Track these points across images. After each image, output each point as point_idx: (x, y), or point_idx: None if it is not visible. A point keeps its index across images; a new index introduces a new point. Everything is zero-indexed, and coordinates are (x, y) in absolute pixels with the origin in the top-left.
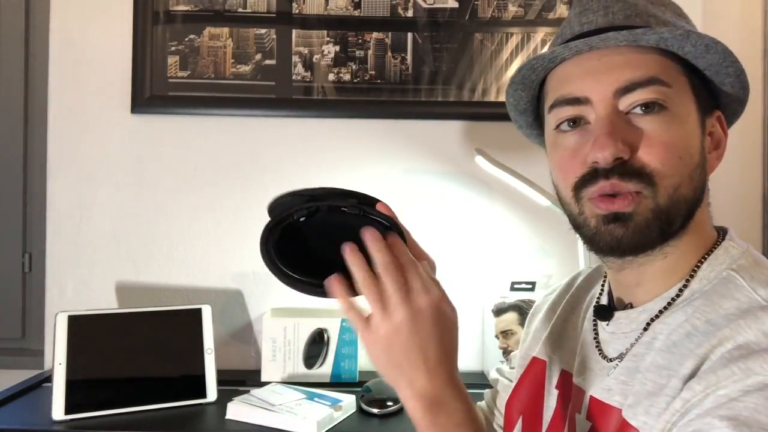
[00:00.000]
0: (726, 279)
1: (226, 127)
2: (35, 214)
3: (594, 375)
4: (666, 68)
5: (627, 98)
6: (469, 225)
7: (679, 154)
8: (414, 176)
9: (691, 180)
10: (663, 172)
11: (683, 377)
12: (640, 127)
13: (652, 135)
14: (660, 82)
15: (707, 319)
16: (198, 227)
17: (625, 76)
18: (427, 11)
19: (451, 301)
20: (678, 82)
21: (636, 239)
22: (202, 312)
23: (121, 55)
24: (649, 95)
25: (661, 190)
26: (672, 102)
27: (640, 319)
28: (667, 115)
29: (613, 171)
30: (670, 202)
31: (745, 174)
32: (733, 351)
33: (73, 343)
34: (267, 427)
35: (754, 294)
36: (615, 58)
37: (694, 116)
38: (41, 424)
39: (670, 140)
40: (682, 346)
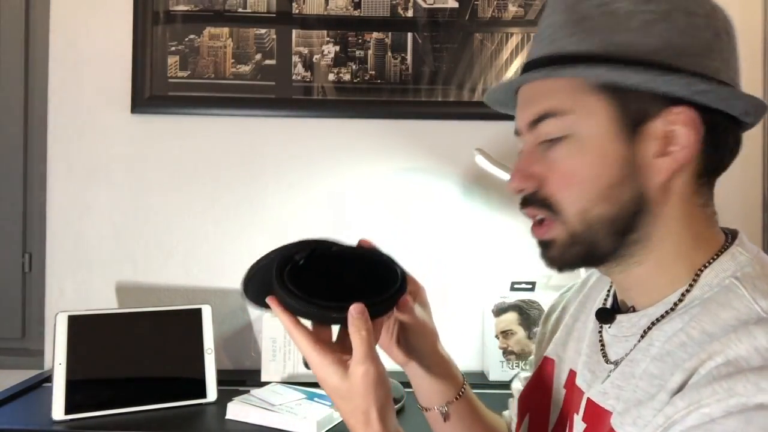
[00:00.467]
0: (727, 287)
1: (226, 127)
2: (35, 214)
3: (594, 377)
4: (572, 92)
5: (534, 132)
6: (469, 225)
7: (581, 179)
8: (414, 176)
9: (606, 198)
10: (564, 200)
11: (670, 390)
12: (548, 157)
13: (554, 166)
14: (554, 114)
15: (703, 329)
16: (198, 227)
17: (530, 111)
18: (427, 11)
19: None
20: (586, 104)
21: (563, 260)
22: (202, 312)
23: (121, 55)
24: (547, 129)
25: (569, 218)
26: (573, 128)
27: (641, 323)
28: (568, 142)
29: (525, 200)
30: (584, 226)
31: (745, 174)
32: (721, 367)
33: (73, 343)
34: (267, 427)
35: (755, 305)
36: (526, 93)
37: (610, 133)
38: (41, 424)
39: (570, 168)
40: (675, 356)
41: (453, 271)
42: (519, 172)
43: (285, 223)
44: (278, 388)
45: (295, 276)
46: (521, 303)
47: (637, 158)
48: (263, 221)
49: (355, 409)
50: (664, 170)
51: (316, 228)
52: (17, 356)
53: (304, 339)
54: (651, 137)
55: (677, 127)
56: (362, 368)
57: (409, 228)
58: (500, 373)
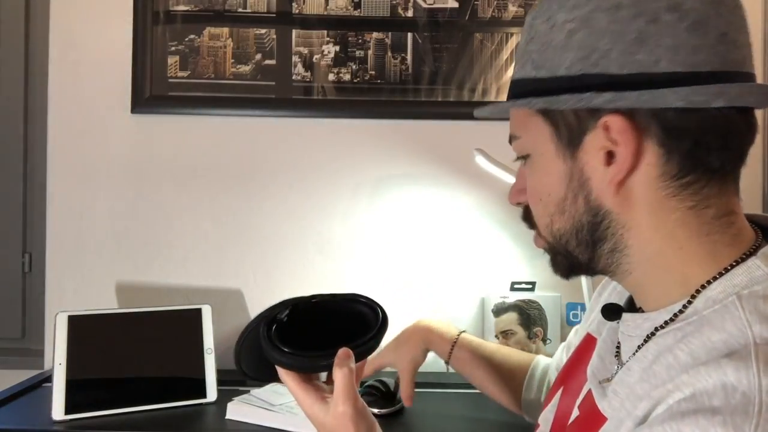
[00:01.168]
0: (726, 307)
1: (226, 127)
2: (35, 214)
3: (601, 368)
4: (520, 116)
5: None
6: (469, 225)
7: (539, 196)
8: (414, 176)
9: (563, 212)
10: (535, 216)
11: (636, 419)
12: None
13: (526, 183)
14: (514, 137)
15: (691, 352)
16: (198, 227)
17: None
18: (427, 11)
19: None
20: (531, 127)
21: (557, 269)
22: (202, 312)
23: (121, 55)
24: (515, 149)
25: (541, 231)
26: (526, 149)
27: (644, 326)
28: (529, 162)
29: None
30: (553, 239)
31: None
32: (682, 402)
33: (73, 343)
34: (267, 427)
35: (748, 329)
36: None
37: (549, 152)
38: (41, 424)
39: (531, 185)
40: (658, 378)
41: (453, 271)
42: (512, 188)
43: (285, 223)
44: (278, 388)
45: (281, 333)
46: (521, 303)
47: (582, 171)
48: (263, 221)
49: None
50: (610, 180)
51: (316, 228)
52: (17, 356)
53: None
54: (591, 149)
55: (616, 135)
56: (341, 408)
57: (409, 228)
58: None
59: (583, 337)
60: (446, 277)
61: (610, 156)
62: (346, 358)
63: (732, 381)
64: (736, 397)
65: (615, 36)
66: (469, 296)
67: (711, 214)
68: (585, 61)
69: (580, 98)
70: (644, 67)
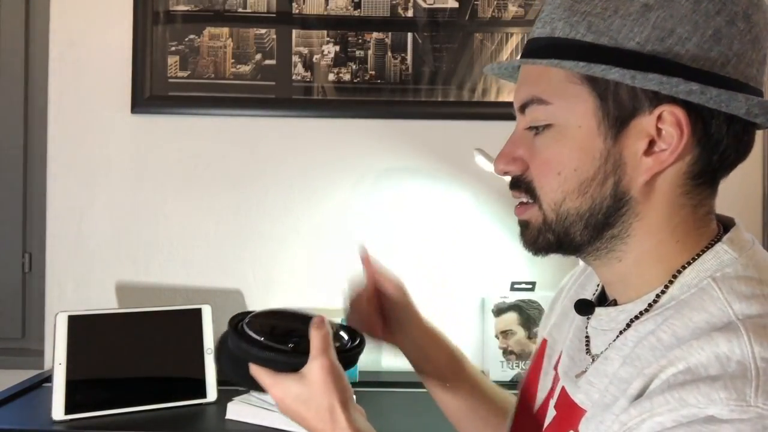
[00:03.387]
0: (703, 289)
1: (226, 127)
2: (35, 214)
3: (573, 366)
4: (556, 81)
5: (525, 117)
6: (469, 225)
7: (558, 170)
8: (414, 176)
9: (583, 192)
10: (543, 188)
11: (630, 396)
12: (533, 143)
13: (537, 152)
14: (539, 101)
15: (674, 332)
16: (198, 227)
17: (520, 95)
18: (427, 11)
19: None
20: (567, 94)
21: (534, 244)
22: (202, 312)
23: (121, 55)
24: (531, 115)
25: (544, 205)
26: (555, 117)
27: (619, 318)
28: (550, 131)
29: (513, 182)
30: (557, 216)
31: (745, 174)
32: (678, 375)
33: (73, 343)
34: (267, 427)
35: (728, 308)
36: (522, 73)
37: (590, 126)
38: (41, 424)
39: (549, 157)
40: (643, 360)
41: (453, 271)
42: (504, 156)
43: (284, 223)
44: None
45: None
46: (521, 303)
47: (621, 155)
48: (263, 221)
49: (319, 409)
50: (646, 170)
51: (316, 228)
52: (17, 356)
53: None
54: (636, 134)
55: (664, 126)
56: (317, 362)
57: (409, 228)
58: (500, 373)
59: (540, 344)
60: (446, 277)
61: (651, 145)
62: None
63: (725, 351)
64: (732, 366)
65: (695, 26)
66: (469, 296)
67: (703, 212)
68: (660, 43)
69: (662, 81)
70: (715, 67)
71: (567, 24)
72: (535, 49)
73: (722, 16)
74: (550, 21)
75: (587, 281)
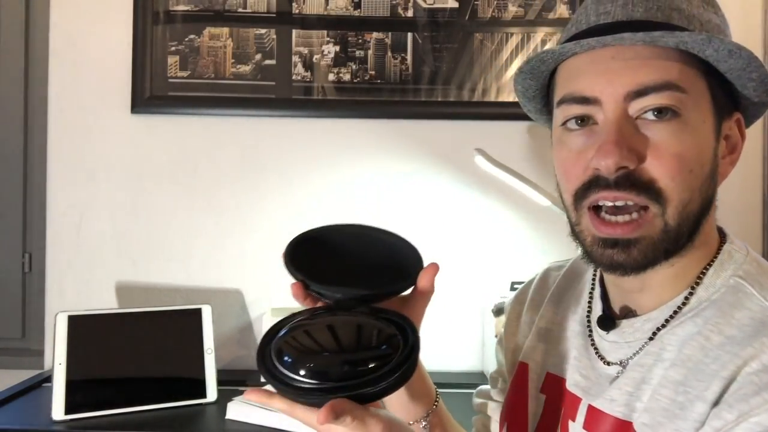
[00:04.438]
0: (734, 287)
1: (226, 127)
2: (35, 214)
3: (591, 383)
4: (684, 71)
5: (638, 102)
6: (469, 225)
7: (691, 166)
8: (414, 176)
9: (701, 193)
10: (673, 187)
11: (710, 401)
12: (649, 134)
13: (662, 145)
14: (675, 87)
15: (721, 331)
16: (198, 227)
17: (638, 79)
18: (427, 11)
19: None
20: (695, 87)
21: (638, 263)
22: (202, 312)
23: (121, 55)
24: (663, 100)
25: (671, 208)
26: (686, 108)
27: (645, 328)
28: (679, 122)
29: (617, 182)
30: (680, 220)
31: (746, 174)
32: (761, 374)
33: (73, 343)
34: (267, 427)
35: (766, 302)
36: (629, 58)
37: (710, 122)
38: (41, 424)
39: (682, 151)
40: (699, 362)
41: (453, 271)
42: (621, 145)
43: (285, 223)
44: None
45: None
46: None
47: (719, 153)
48: (263, 221)
49: None
50: (724, 173)
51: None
52: (17, 356)
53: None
54: (722, 136)
55: (733, 132)
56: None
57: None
58: None
59: (516, 368)
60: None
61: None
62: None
63: None
64: None
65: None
66: (469, 296)
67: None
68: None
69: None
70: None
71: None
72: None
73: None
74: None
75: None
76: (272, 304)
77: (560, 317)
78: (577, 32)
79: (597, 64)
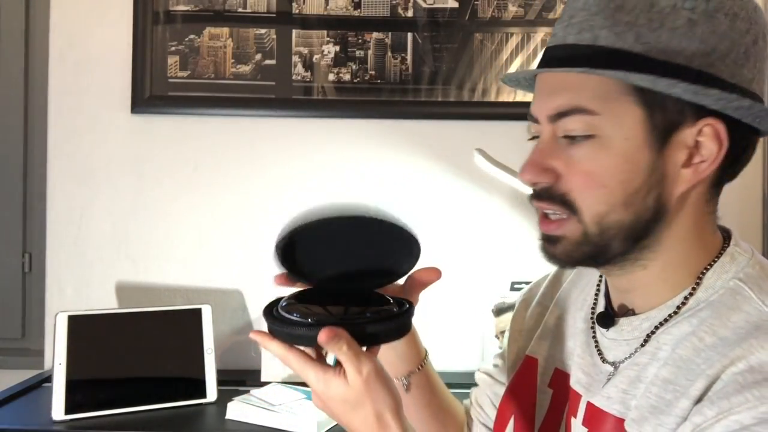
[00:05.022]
0: (733, 290)
1: (226, 127)
2: (35, 214)
3: (592, 380)
4: (602, 91)
5: (557, 125)
6: (469, 225)
7: (604, 182)
8: (414, 176)
9: (628, 205)
10: (583, 200)
11: (693, 398)
12: (570, 153)
13: (575, 164)
14: (585, 111)
15: (715, 332)
16: (198, 227)
17: (554, 103)
18: (427, 11)
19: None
20: (616, 105)
21: (567, 258)
22: (202, 312)
23: (121, 55)
24: (572, 125)
25: (586, 218)
26: (601, 128)
27: (643, 326)
28: (594, 143)
29: (538, 194)
30: (599, 229)
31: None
32: (746, 374)
33: (73, 343)
34: (267, 427)
35: (764, 306)
36: (554, 82)
37: (639, 138)
38: (41, 424)
39: (593, 169)
40: (690, 361)
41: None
42: (535, 165)
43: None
44: (278, 388)
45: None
46: None
47: (665, 167)
48: (263, 221)
49: (368, 416)
50: (685, 181)
51: None
52: (17, 356)
53: (298, 359)
54: (679, 147)
55: (704, 139)
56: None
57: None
58: None
59: (522, 361)
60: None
61: (689, 157)
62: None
63: None
64: None
65: (732, 43)
66: (469, 296)
67: (714, 217)
68: (704, 58)
69: (721, 97)
70: (745, 82)
71: (612, 33)
72: (576, 56)
73: (750, 35)
74: (589, 28)
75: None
76: None
77: (568, 313)
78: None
79: (539, 87)
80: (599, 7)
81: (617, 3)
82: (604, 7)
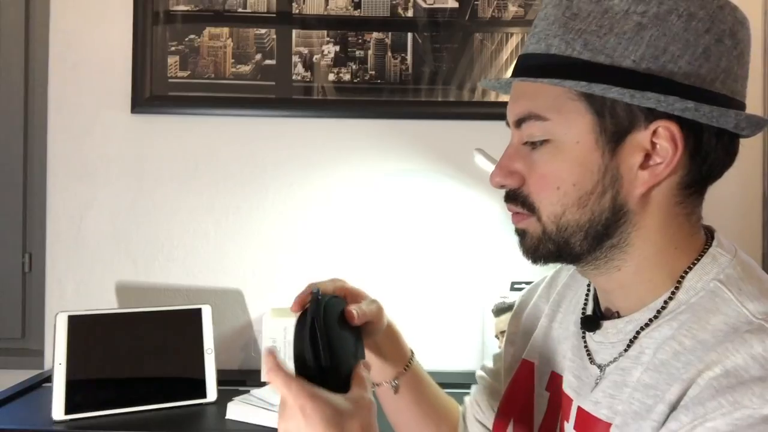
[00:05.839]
0: (713, 291)
1: (226, 127)
2: (35, 214)
3: (582, 384)
4: (553, 97)
5: (522, 131)
6: (469, 225)
7: (557, 184)
8: (414, 176)
9: (582, 205)
10: (541, 202)
11: (669, 403)
12: (531, 157)
13: (534, 167)
14: (537, 117)
15: (694, 336)
16: (198, 227)
17: (516, 110)
18: (427, 11)
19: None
20: (565, 111)
21: (534, 253)
22: (202, 312)
23: (121, 55)
24: (531, 131)
25: (543, 218)
26: (554, 133)
27: (627, 329)
28: (549, 147)
29: (507, 195)
30: (557, 228)
31: (746, 174)
32: (720, 378)
33: (73, 343)
34: (267, 427)
35: (743, 308)
36: (517, 90)
37: (589, 141)
38: (41, 424)
39: (548, 172)
40: (670, 365)
41: (453, 271)
42: (501, 169)
43: (285, 224)
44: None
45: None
46: None
47: (618, 169)
48: (263, 221)
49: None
50: (642, 183)
51: (316, 228)
52: (17, 356)
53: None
54: (633, 149)
55: (659, 141)
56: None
57: (409, 228)
58: None
59: (519, 364)
60: (446, 277)
61: (646, 159)
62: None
63: (760, 352)
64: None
65: (686, 44)
66: (469, 296)
67: (695, 218)
68: (654, 61)
69: (659, 99)
70: (705, 83)
71: (563, 41)
72: (531, 66)
73: (711, 35)
74: (545, 38)
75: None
76: (272, 304)
77: (561, 316)
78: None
79: (510, 94)
80: (555, 17)
81: (573, 11)
82: (560, 16)
